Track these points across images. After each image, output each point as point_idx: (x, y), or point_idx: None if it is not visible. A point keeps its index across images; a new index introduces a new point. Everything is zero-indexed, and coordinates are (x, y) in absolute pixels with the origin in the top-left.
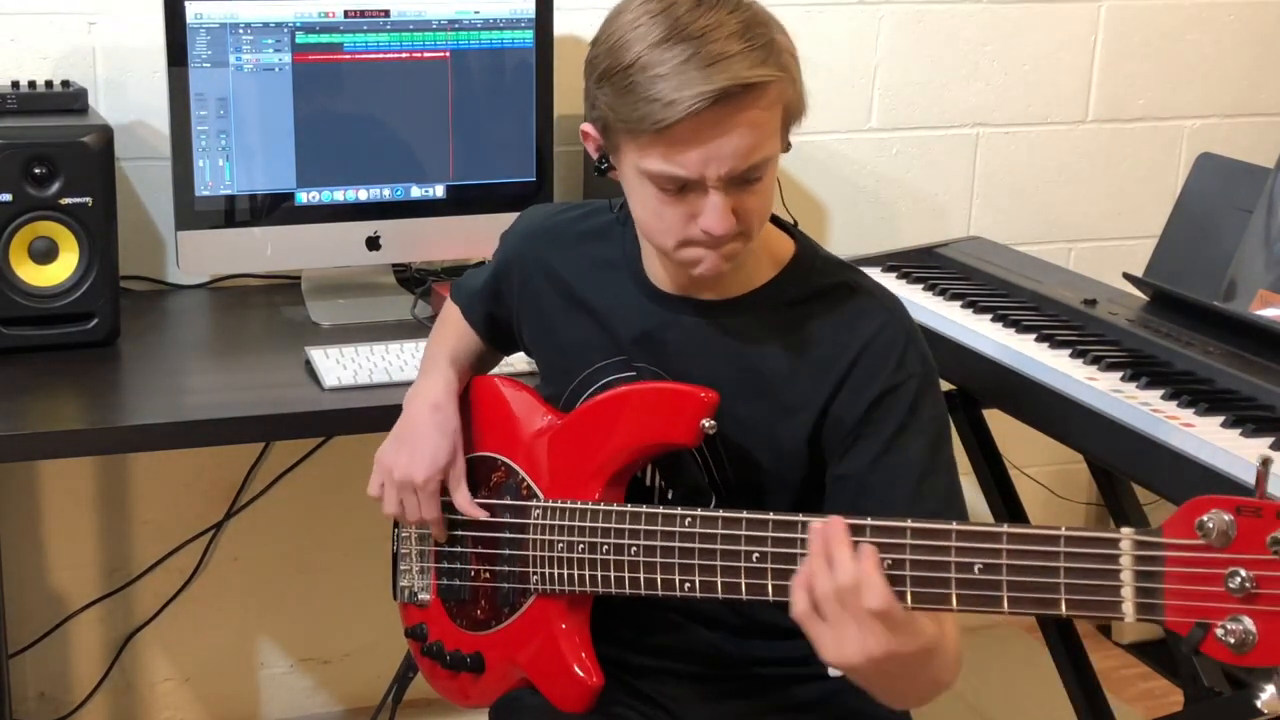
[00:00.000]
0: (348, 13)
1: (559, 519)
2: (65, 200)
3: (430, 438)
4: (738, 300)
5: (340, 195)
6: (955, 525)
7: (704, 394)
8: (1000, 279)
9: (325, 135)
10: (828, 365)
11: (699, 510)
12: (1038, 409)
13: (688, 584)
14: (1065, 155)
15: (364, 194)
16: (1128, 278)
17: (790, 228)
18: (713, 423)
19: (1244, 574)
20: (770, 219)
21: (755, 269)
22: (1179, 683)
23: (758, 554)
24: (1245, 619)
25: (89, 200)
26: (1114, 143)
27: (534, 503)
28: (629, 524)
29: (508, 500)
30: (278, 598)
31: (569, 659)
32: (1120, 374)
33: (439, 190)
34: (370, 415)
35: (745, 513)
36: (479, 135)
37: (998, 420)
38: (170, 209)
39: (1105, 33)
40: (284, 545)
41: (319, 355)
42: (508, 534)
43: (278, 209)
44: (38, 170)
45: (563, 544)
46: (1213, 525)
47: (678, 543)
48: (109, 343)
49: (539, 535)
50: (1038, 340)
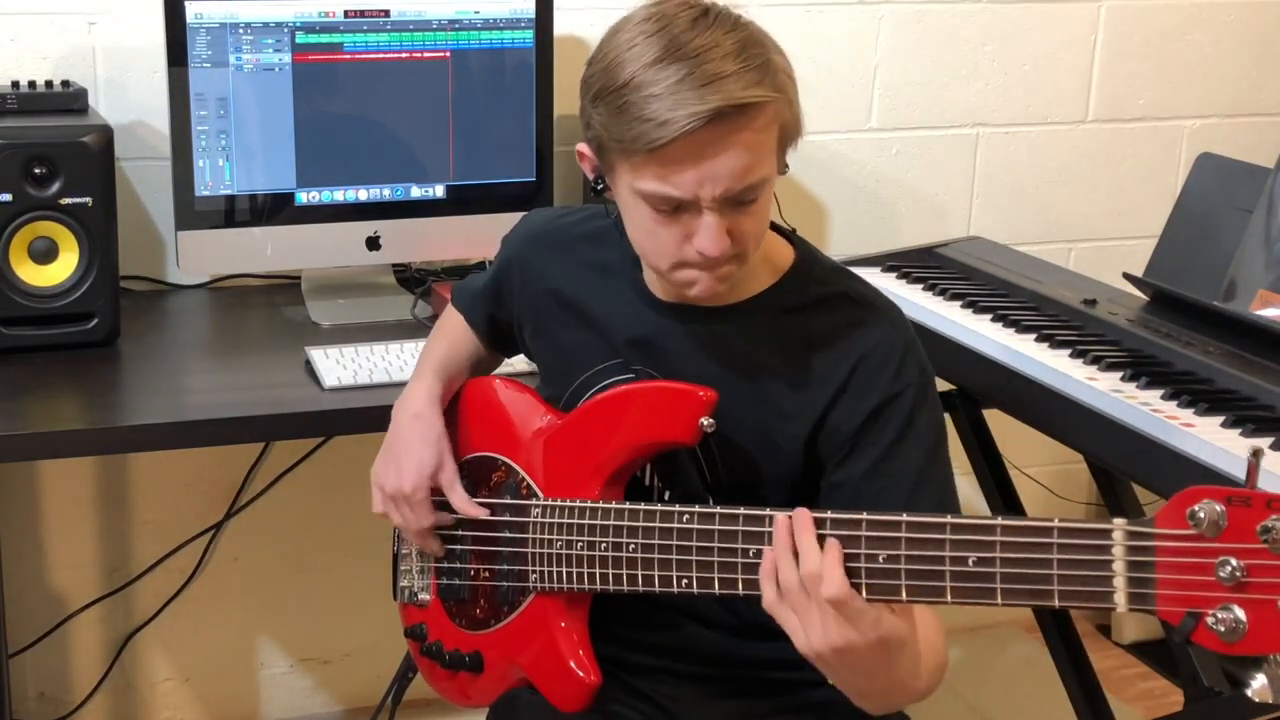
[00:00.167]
0: (348, 13)
1: (558, 517)
2: (65, 200)
3: (414, 448)
4: (736, 307)
5: (340, 195)
6: (950, 519)
7: (703, 393)
8: (1000, 279)
9: (325, 135)
10: (826, 374)
11: (696, 508)
12: (1038, 409)
13: (685, 581)
14: (1065, 155)
15: (364, 194)
16: (1128, 278)
17: (790, 235)
18: (711, 421)
19: (1234, 563)
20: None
21: (754, 276)
22: (1179, 683)
23: (754, 550)
24: (1235, 608)
25: (89, 200)
26: (1114, 143)
27: (533, 502)
28: (627, 522)
29: (507, 499)
30: (278, 598)
31: (567, 658)
32: (1120, 374)
33: (439, 190)
34: (370, 415)
35: (742, 509)
36: (479, 135)
37: (998, 420)
38: (170, 209)
39: (1105, 33)
40: (284, 545)
41: (319, 355)
42: (507, 533)
43: (278, 209)
44: (38, 170)
45: (561, 542)
46: (1204, 515)
47: (675, 540)
48: (109, 343)
49: (538, 534)
50: (1038, 340)
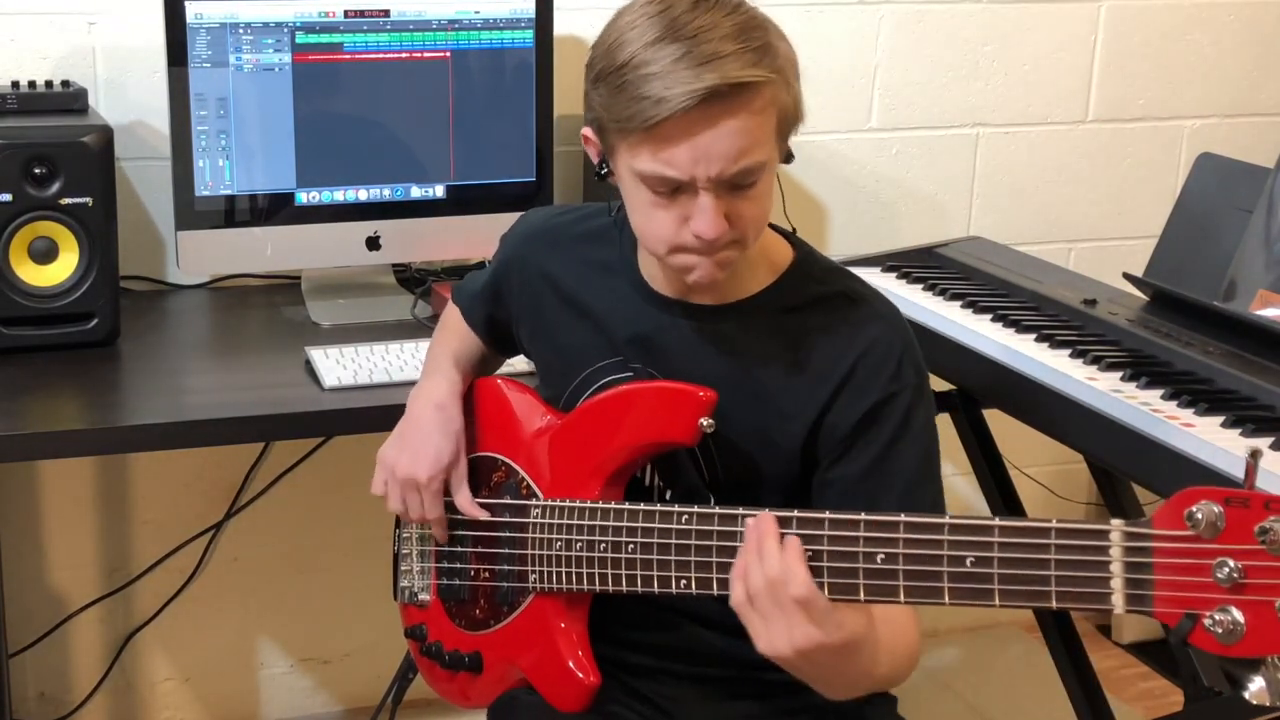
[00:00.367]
0: (348, 13)
1: (557, 518)
2: (65, 200)
3: (434, 437)
4: (735, 306)
5: (340, 195)
6: (948, 519)
7: (702, 393)
8: (1000, 279)
9: (325, 135)
10: (824, 373)
11: (695, 507)
12: (1038, 409)
13: (684, 581)
14: (1065, 155)
15: (364, 194)
16: (1128, 278)
17: (789, 235)
18: (711, 421)
19: (1232, 564)
20: (770, 225)
21: (753, 275)
22: (1179, 683)
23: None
24: (1233, 609)
25: (89, 200)
26: (1114, 143)
27: (533, 502)
28: (626, 522)
29: (507, 500)
30: (278, 598)
31: (566, 658)
32: (1120, 374)
33: (439, 190)
34: (370, 415)
35: (741, 509)
36: (479, 135)
37: (998, 420)
38: (170, 209)
39: (1105, 33)
40: (284, 545)
41: (319, 355)
42: (507, 533)
43: (278, 209)
44: (38, 170)
45: (561, 542)
46: (1202, 516)
47: (674, 540)
48: (109, 343)
49: (538, 534)
50: (1038, 340)
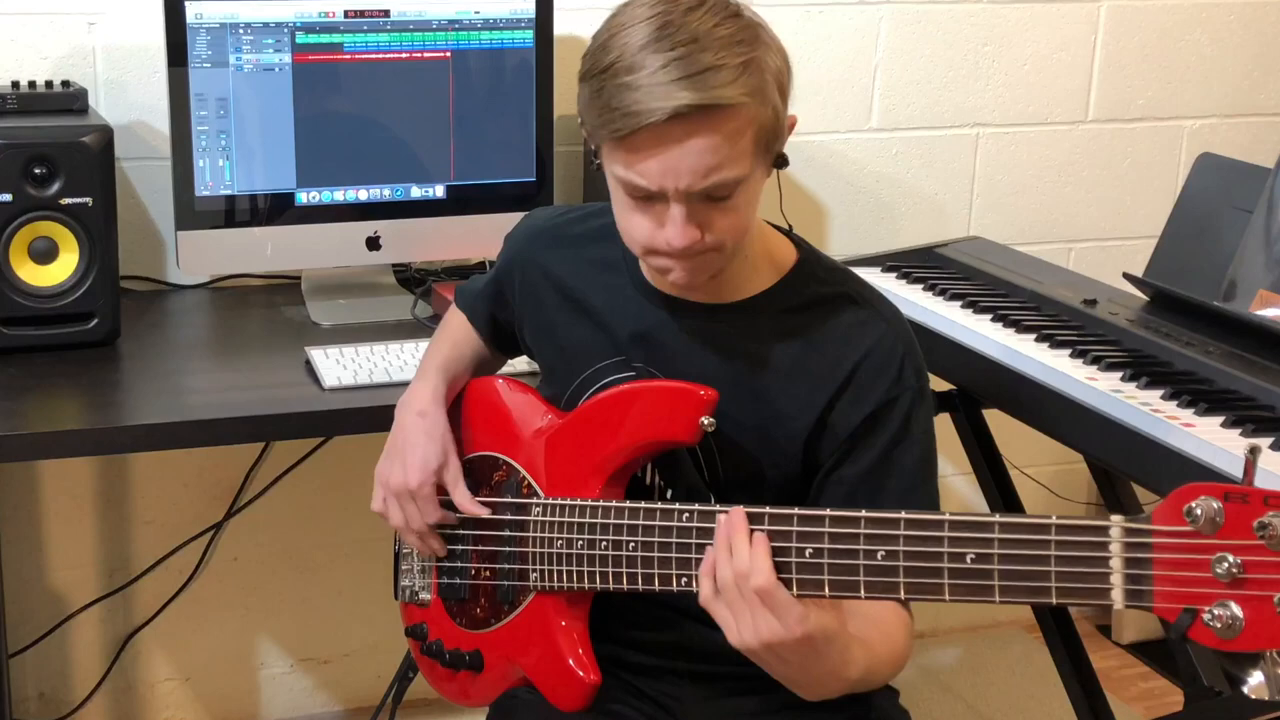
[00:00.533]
0: (348, 13)
1: (558, 516)
2: (65, 200)
3: (419, 444)
4: (737, 305)
5: (340, 195)
6: (948, 516)
7: (703, 392)
8: (1000, 279)
9: (325, 135)
10: (825, 375)
11: (696, 506)
12: (1038, 409)
13: (684, 579)
14: (1065, 155)
15: (364, 194)
16: (1128, 278)
17: (793, 235)
18: (712, 420)
19: (1231, 559)
20: (772, 225)
21: (755, 275)
22: (1179, 683)
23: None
24: (1232, 604)
25: (89, 200)
26: (1114, 143)
27: (534, 500)
28: (627, 520)
29: (508, 499)
30: (278, 598)
31: (567, 657)
32: (1120, 374)
33: (439, 190)
34: (370, 415)
35: (740, 508)
36: (479, 135)
37: (998, 420)
38: (170, 209)
39: (1105, 33)
40: (284, 545)
41: (319, 355)
42: (508, 532)
43: (278, 209)
44: (38, 170)
45: (562, 541)
46: (1201, 512)
47: (675, 538)
48: (109, 343)
49: (539, 533)
50: (1038, 340)
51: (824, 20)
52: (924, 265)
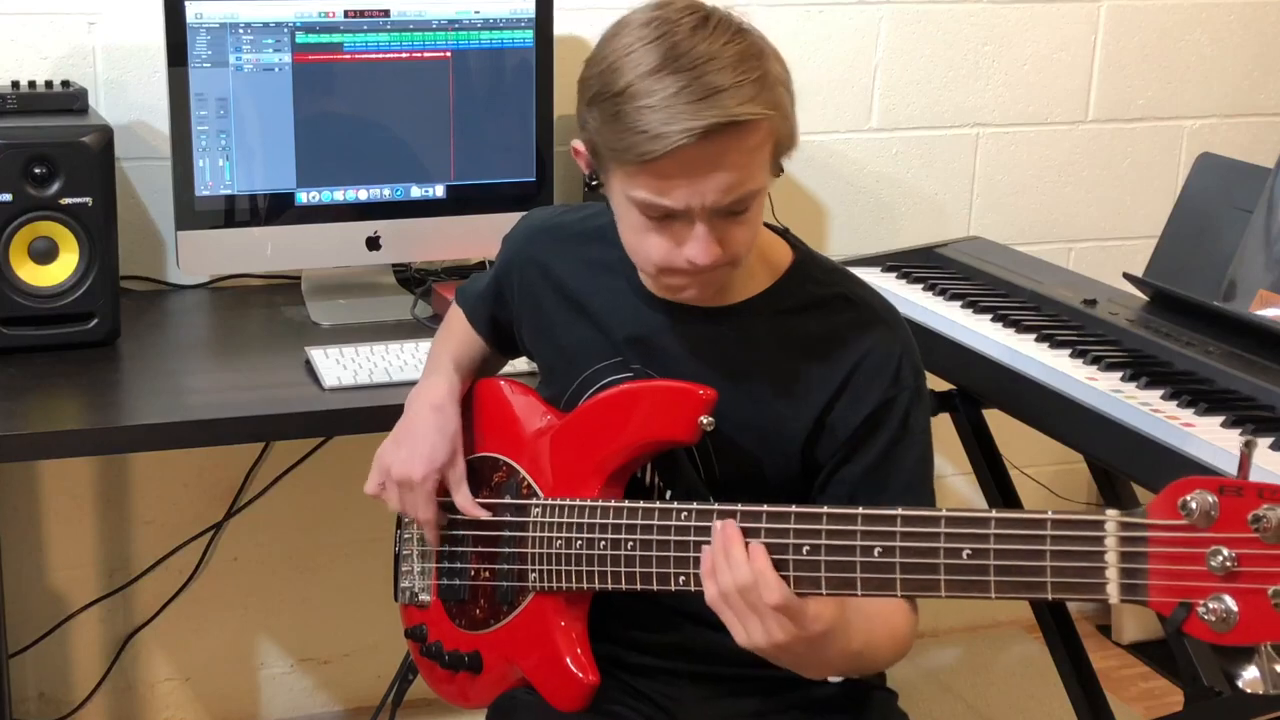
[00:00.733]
0: (348, 13)
1: (558, 516)
2: (65, 200)
3: (429, 437)
4: (734, 308)
5: (340, 195)
6: (944, 512)
7: (703, 391)
8: (1000, 279)
9: (325, 135)
10: (823, 376)
11: (695, 505)
12: (1038, 409)
13: (683, 578)
14: (1065, 155)
15: (364, 194)
16: (1128, 278)
17: (789, 236)
18: (711, 420)
19: (1226, 552)
20: (766, 225)
21: (752, 277)
22: (1179, 683)
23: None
24: (1227, 598)
25: (89, 200)
26: (1114, 143)
27: (534, 501)
28: (626, 519)
29: (508, 499)
30: (278, 598)
31: (565, 657)
32: (1120, 374)
33: (439, 190)
34: (370, 415)
35: (740, 506)
36: (479, 135)
37: (998, 420)
38: (170, 209)
39: (1105, 33)
40: (284, 545)
41: (319, 355)
42: (508, 532)
43: (278, 209)
44: (38, 170)
45: (561, 541)
46: (1196, 505)
47: (674, 536)
48: (109, 343)
49: (538, 533)
50: (1038, 340)
51: (824, 20)
52: (924, 265)
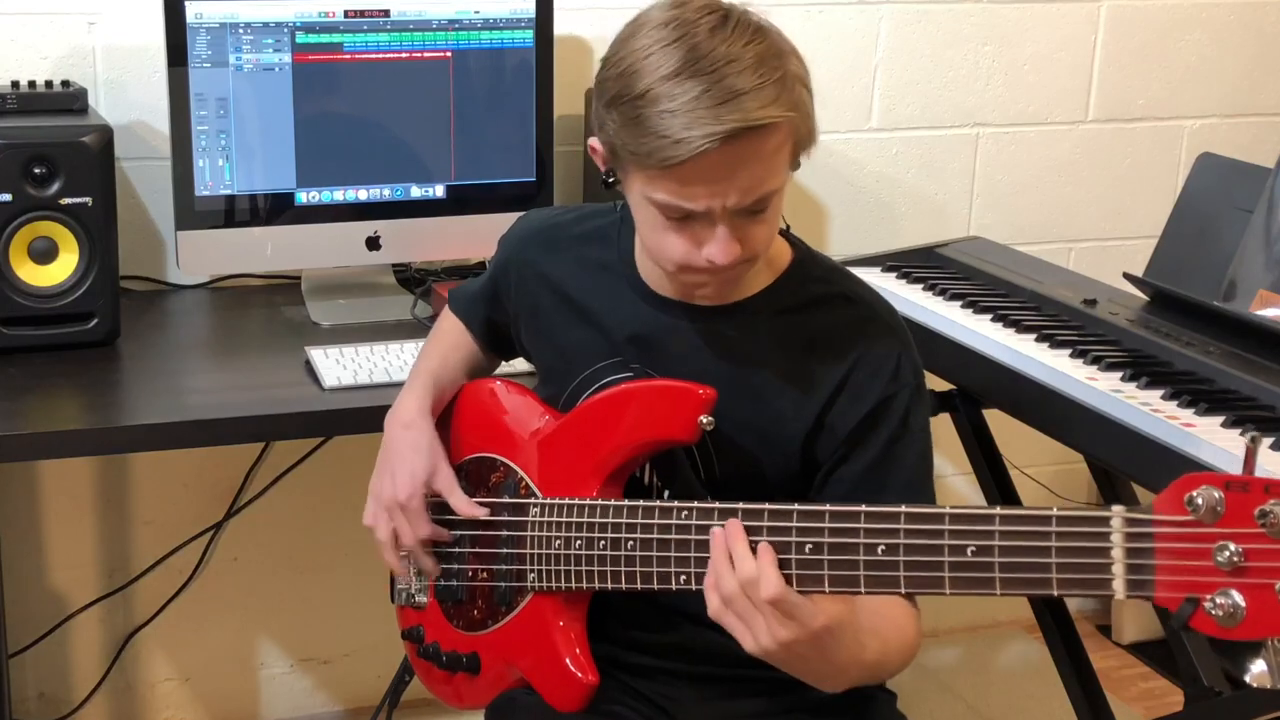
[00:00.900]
0: (348, 13)
1: (556, 516)
2: (65, 200)
3: (406, 457)
4: (734, 306)
5: (340, 195)
6: (949, 509)
7: (702, 390)
8: (1000, 279)
9: (325, 135)
10: (823, 374)
11: (695, 503)
12: (1038, 409)
13: (683, 577)
14: (1065, 155)
15: (364, 194)
16: (1128, 278)
17: (789, 234)
18: (710, 419)
19: (1232, 548)
20: None
21: (752, 276)
22: (1179, 683)
23: (753, 544)
24: (1233, 593)
25: (89, 200)
26: (1114, 143)
27: (532, 501)
28: (625, 518)
29: (506, 500)
30: (278, 598)
31: (564, 657)
32: (1120, 374)
33: (439, 190)
34: (370, 415)
35: (741, 505)
36: (479, 135)
37: (998, 420)
38: (170, 209)
39: (1105, 33)
40: (284, 545)
41: (319, 355)
42: (505, 533)
43: (278, 209)
44: (38, 170)
45: (560, 540)
46: (1202, 501)
47: (674, 535)
48: (109, 343)
49: (536, 533)
50: (1038, 340)
51: (824, 20)
52: (924, 265)
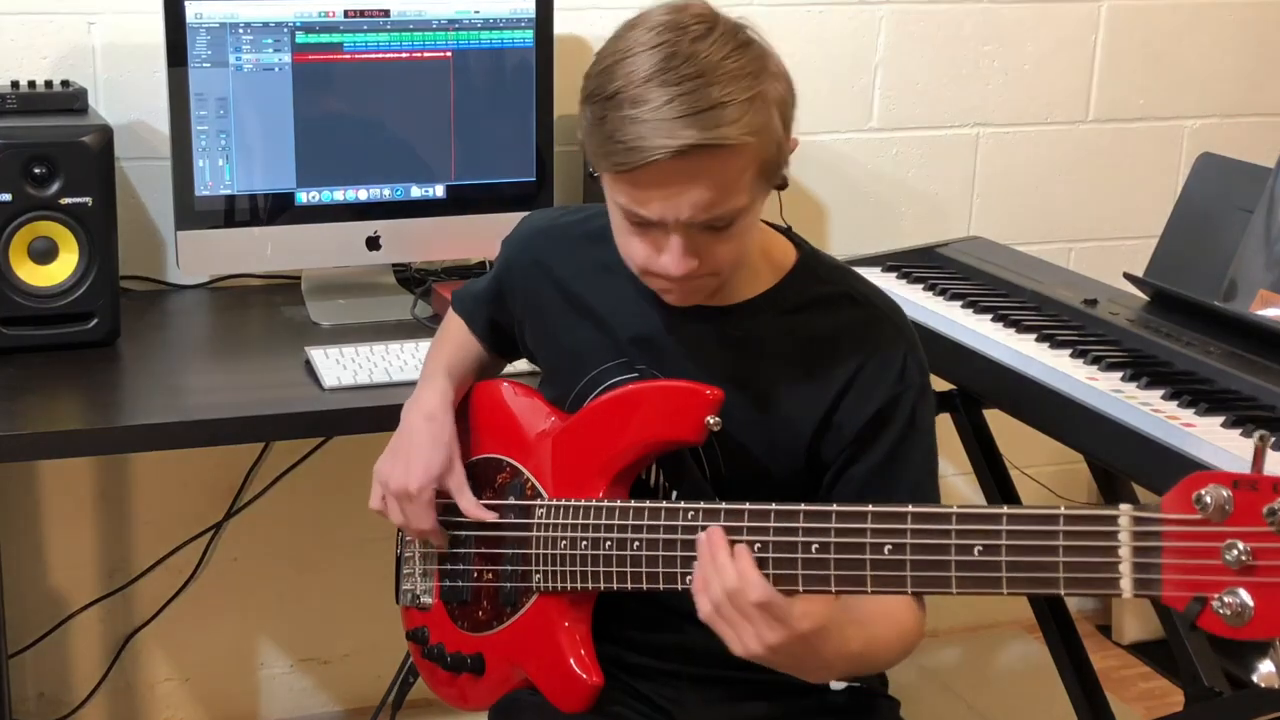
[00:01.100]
0: (348, 13)
1: (562, 517)
2: (65, 200)
3: (424, 448)
4: (738, 307)
5: (340, 195)
6: (955, 509)
7: (709, 391)
8: (1000, 279)
9: (325, 135)
10: (830, 374)
11: (701, 504)
12: (1038, 409)
13: (689, 578)
14: (1065, 155)
15: (364, 194)
16: (1128, 278)
17: (792, 234)
18: (717, 420)
19: (1241, 546)
20: (770, 225)
21: (756, 276)
22: (1179, 683)
23: (759, 544)
24: (1242, 592)
25: (89, 200)
26: (1114, 143)
27: (538, 502)
28: (631, 519)
29: (512, 500)
30: (278, 598)
31: (569, 658)
32: (1120, 374)
33: (439, 190)
34: (370, 415)
35: (747, 505)
36: (479, 135)
37: (998, 420)
38: (170, 209)
39: (1105, 33)
40: (284, 545)
41: (319, 355)
42: (512, 533)
43: (278, 209)
44: (38, 170)
45: (565, 541)
46: (1210, 500)
47: (680, 535)
48: (109, 343)
49: (542, 534)
50: (1038, 340)
51: (824, 20)
52: (924, 265)
